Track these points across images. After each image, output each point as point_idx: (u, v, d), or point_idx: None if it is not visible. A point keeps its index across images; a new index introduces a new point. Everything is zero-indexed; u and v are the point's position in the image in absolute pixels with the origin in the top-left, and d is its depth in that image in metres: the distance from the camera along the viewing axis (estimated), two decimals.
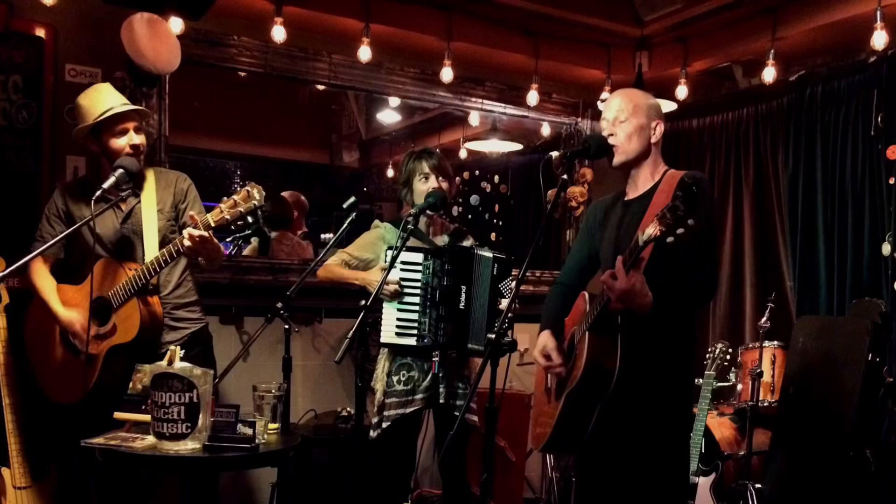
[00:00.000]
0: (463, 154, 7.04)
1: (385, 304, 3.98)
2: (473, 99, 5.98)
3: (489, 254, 4.02)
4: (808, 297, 5.57)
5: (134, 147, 3.76)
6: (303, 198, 6.39)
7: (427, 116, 6.98)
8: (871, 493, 4.56)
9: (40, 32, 4.48)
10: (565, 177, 3.08)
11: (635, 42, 5.97)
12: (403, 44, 5.48)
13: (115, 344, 3.68)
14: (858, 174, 5.31)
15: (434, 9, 5.33)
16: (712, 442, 4.98)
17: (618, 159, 3.28)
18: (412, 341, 3.98)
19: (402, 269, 3.96)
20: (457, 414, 3.95)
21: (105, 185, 3.58)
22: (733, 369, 5.24)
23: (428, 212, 4.08)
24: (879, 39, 4.58)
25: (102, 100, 3.74)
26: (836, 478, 4.59)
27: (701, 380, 4.83)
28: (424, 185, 4.13)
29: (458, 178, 6.08)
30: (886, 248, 5.02)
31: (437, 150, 4.35)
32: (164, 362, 3.22)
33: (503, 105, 6.11)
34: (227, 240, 5.56)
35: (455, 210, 6.68)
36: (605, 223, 3.43)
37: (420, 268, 3.98)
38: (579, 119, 6.41)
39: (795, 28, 5.13)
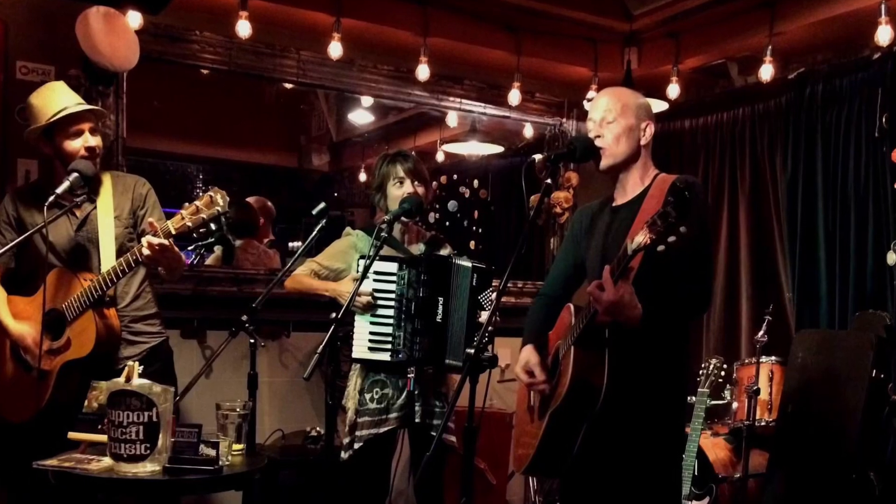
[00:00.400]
0: (440, 157, 7.08)
1: (357, 317, 3.99)
2: (451, 98, 6.02)
3: (468, 263, 4.04)
4: (807, 309, 5.59)
5: (89, 149, 3.78)
6: (269, 203, 6.41)
7: (402, 117, 7.01)
8: None
9: None
10: (549, 181, 3.10)
11: (624, 37, 6.01)
12: (377, 39, 5.52)
13: (69, 359, 3.69)
14: (862, 178, 5.34)
15: (409, 2, 5.37)
16: (706, 464, 5.00)
17: (605, 162, 3.29)
18: (386, 356, 3.99)
19: (375, 280, 3.97)
20: (433, 434, 3.95)
21: (58, 190, 3.60)
22: (728, 386, 5.26)
23: (403, 218, 4.09)
24: (884, 35, 4.61)
25: (56, 99, 3.76)
26: (838, 502, 4.62)
27: (694, 397, 4.87)
28: (399, 189, 4.16)
29: (434, 183, 6.13)
30: (892, 257, 5.00)
31: (413, 152, 4.38)
32: (121, 379, 3.24)
33: (483, 105, 6.14)
34: (189, 248, 5.58)
35: (432, 216, 6.71)
36: (592, 230, 3.44)
37: (394, 278, 4.00)
38: (564, 120, 6.46)
39: (794, 22, 5.18)
